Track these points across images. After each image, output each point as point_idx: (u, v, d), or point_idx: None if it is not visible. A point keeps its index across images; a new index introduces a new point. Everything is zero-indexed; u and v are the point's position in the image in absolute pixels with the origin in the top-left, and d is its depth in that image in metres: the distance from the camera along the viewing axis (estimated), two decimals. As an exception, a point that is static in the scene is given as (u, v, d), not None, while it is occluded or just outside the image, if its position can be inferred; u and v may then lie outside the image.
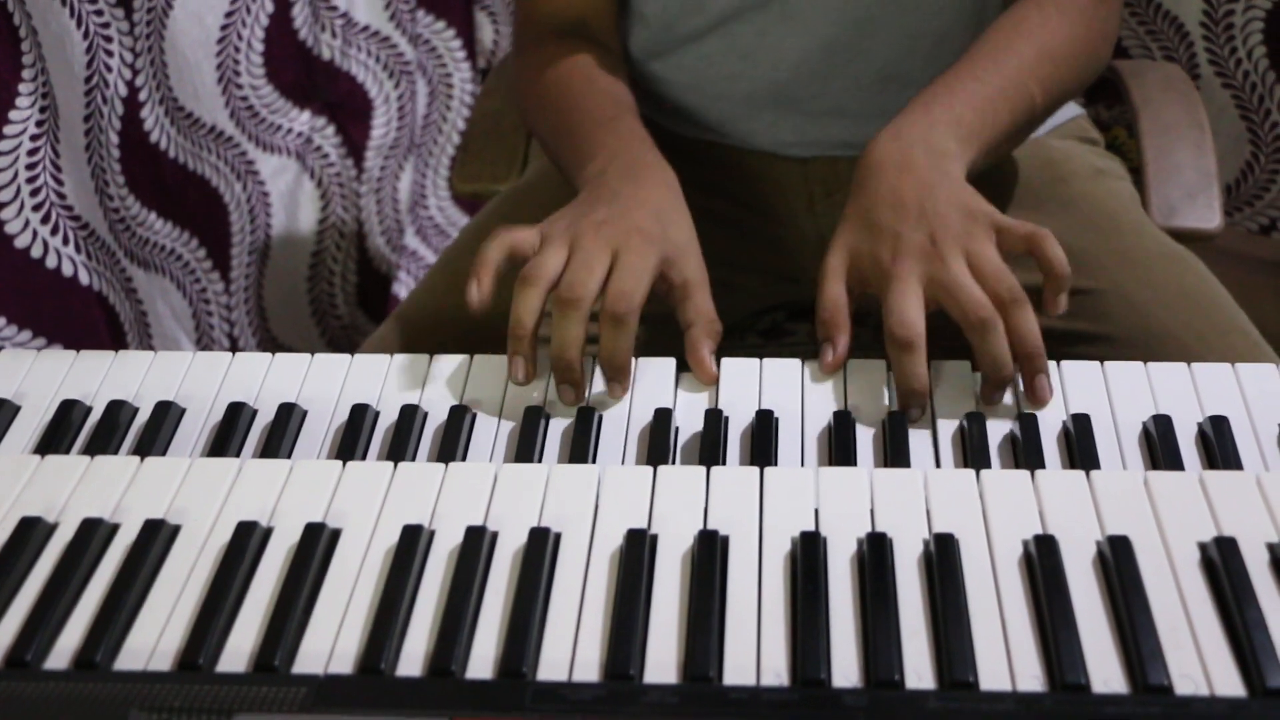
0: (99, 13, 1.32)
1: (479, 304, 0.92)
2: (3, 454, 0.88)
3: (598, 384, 0.92)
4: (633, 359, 0.93)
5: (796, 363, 0.93)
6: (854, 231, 0.96)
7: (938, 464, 0.85)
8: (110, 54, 1.35)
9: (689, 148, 1.29)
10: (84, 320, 1.35)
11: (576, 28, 1.24)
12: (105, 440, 0.89)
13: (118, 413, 0.91)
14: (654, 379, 0.93)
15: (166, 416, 0.90)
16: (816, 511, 0.78)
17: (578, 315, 0.90)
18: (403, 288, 2.03)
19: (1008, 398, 0.90)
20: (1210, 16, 1.79)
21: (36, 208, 1.27)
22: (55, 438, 0.89)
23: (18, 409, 0.93)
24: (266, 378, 0.95)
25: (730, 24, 1.20)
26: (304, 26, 1.69)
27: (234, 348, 1.71)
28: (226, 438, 0.89)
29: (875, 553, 0.74)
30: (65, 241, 1.31)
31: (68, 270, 1.32)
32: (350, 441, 0.88)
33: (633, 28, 1.27)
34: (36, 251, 1.28)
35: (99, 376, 0.95)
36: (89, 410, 0.92)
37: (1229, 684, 0.68)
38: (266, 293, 1.77)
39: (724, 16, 1.19)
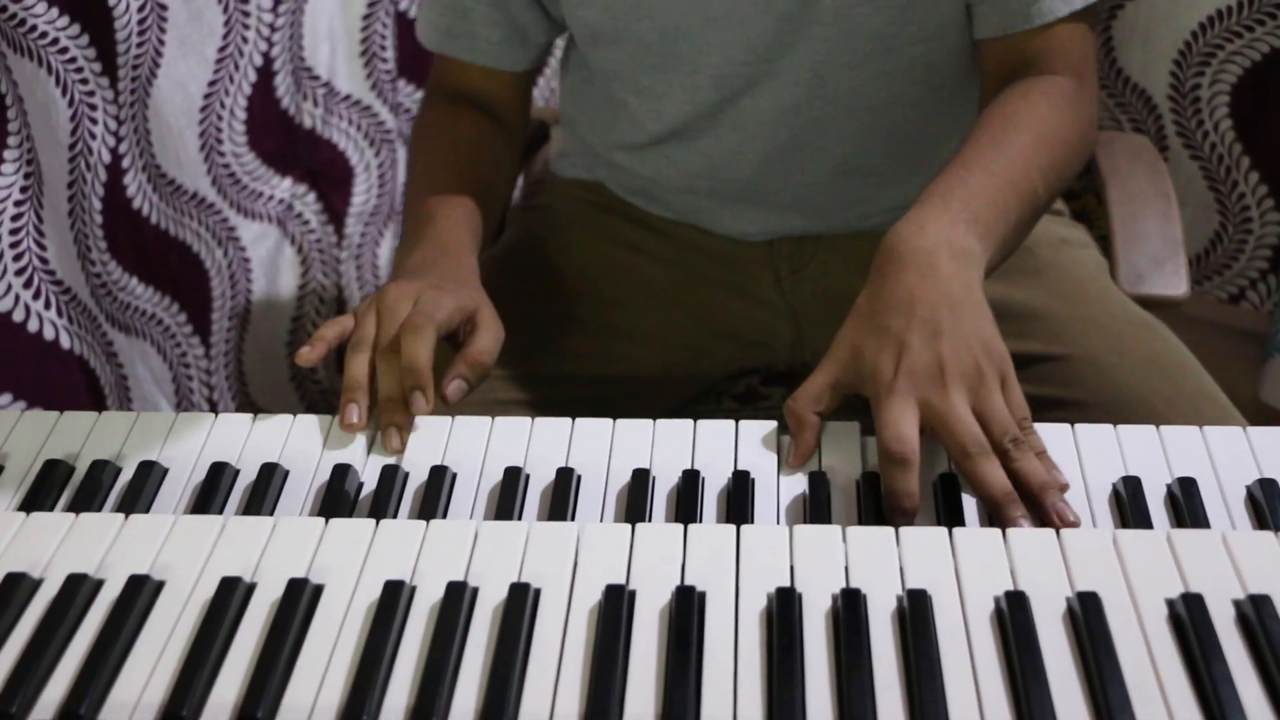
0: (84, 81, 1.33)
1: (306, 362, 0.99)
2: (-13, 512, 0.89)
3: (566, 449, 0.94)
4: (613, 421, 0.94)
5: (772, 425, 0.94)
6: (861, 329, 0.92)
7: (911, 521, 0.86)
8: (95, 121, 1.37)
9: (659, 224, 1.32)
10: (65, 384, 1.36)
11: (478, 101, 1.27)
12: (89, 499, 0.90)
13: (101, 472, 0.91)
14: (632, 441, 0.94)
15: (149, 476, 0.91)
16: (792, 568, 0.79)
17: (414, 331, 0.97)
18: (381, 353, 2.03)
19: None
20: (1178, 90, 1.83)
21: (19, 272, 1.28)
22: (39, 496, 0.90)
23: (1, 469, 0.93)
24: (248, 438, 0.96)
25: (686, 131, 1.21)
26: (286, 95, 1.71)
27: (213, 411, 1.70)
28: (209, 496, 0.89)
29: (849, 608, 0.75)
30: (48, 306, 1.32)
31: (49, 334, 1.33)
32: (332, 501, 0.89)
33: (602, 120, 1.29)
34: (19, 315, 1.29)
35: (82, 437, 0.96)
36: (72, 470, 0.93)
37: (1196, 737, 0.69)
38: (246, 357, 1.78)
39: (679, 123, 1.21)
